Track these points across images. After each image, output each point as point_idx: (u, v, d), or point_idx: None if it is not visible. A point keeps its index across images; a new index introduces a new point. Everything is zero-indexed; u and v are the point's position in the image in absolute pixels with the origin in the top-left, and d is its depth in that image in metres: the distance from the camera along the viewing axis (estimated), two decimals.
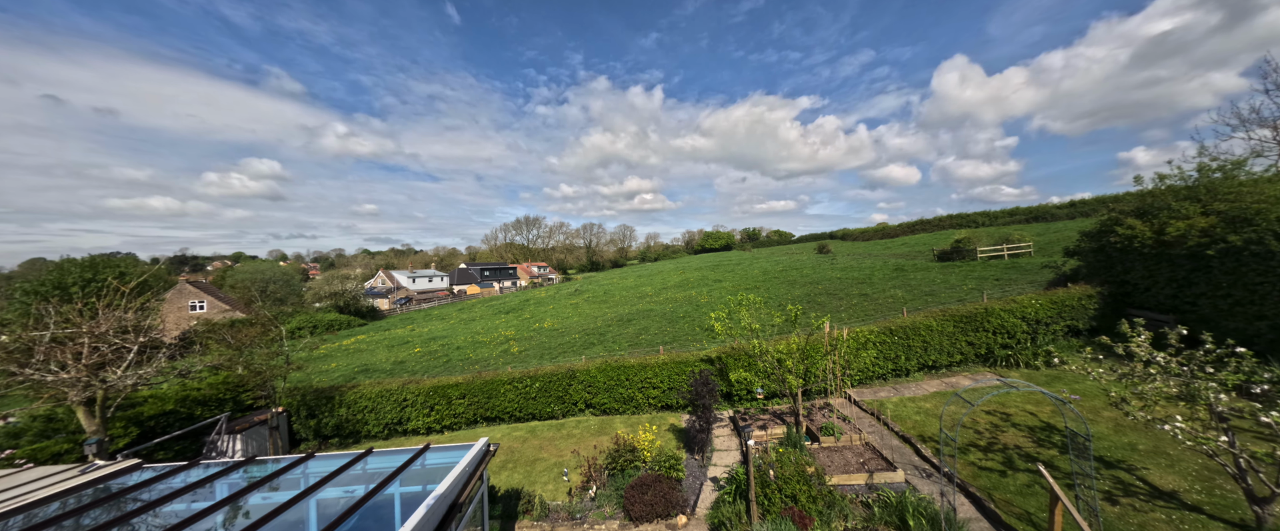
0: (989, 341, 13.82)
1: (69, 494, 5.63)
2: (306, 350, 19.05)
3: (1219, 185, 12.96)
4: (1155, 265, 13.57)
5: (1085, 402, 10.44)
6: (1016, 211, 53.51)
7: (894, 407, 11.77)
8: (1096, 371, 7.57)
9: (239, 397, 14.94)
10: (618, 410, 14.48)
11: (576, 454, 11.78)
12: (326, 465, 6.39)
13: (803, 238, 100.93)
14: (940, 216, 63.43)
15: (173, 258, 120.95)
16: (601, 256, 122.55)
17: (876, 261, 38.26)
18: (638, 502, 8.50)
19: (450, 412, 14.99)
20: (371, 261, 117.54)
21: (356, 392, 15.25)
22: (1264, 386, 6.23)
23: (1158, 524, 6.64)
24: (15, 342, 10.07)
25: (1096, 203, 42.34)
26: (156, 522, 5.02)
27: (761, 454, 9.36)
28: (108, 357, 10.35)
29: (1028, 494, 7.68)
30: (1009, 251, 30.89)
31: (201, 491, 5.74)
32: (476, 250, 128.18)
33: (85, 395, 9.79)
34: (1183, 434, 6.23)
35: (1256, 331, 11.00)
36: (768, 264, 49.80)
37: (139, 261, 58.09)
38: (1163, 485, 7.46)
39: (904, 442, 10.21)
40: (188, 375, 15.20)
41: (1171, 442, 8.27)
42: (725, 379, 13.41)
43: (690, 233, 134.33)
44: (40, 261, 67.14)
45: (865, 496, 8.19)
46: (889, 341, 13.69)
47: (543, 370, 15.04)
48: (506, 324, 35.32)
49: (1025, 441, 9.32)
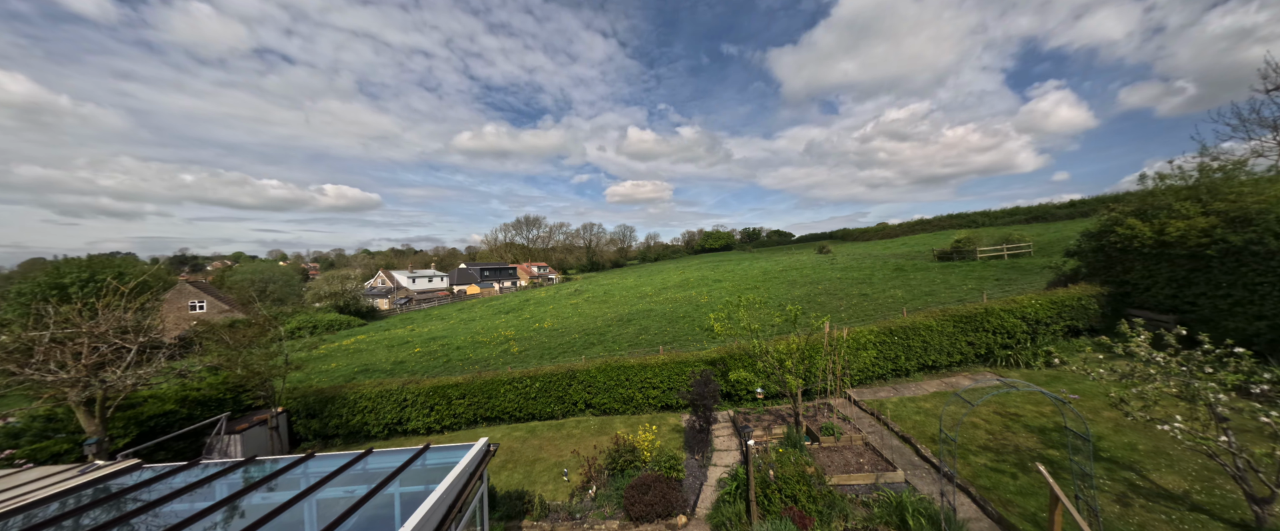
0: (989, 341, 13.81)
1: (69, 494, 5.62)
2: (306, 350, 19.04)
3: (1220, 185, 12.95)
4: (1155, 265, 13.57)
5: (1085, 403, 10.44)
6: (1016, 211, 53.64)
7: (894, 407, 11.77)
8: (1096, 371, 7.56)
9: (239, 398, 14.93)
10: (618, 410, 14.48)
11: (576, 454, 11.77)
12: (327, 465, 6.39)
13: (803, 238, 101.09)
14: (940, 216, 63.62)
15: (172, 257, 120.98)
16: (601, 256, 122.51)
17: (876, 261, 38.26)
18: (638, 503, 8.49)
19: (450, 413, 14.98)
20: (371, 261, 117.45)
21: (356, 392, 15.23)
22: (1264, 386, 6.23)
23: (1158, 524, 6.64)
24: (15, 342, 10.06)
25: (1096, 202, 42.41)
26: (156, 522, 5.01)
27: (762, 454, 9.36)
28: (107, 357, 10.35)
29: (1028, 493, 7.68)
30: (1009, 251, 30.92)
31: (201, 491, 5.74)
32: (476, 250, 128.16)
33: (85, 395, 9.78)
34: (1183, 434, 6.23)
35: (1256, 331, 11.00)
36: (768, 264, 49.81)
37: (139, 261, 58.03)
38: (1163, 485, 7.45)
39: (904, 442, 10.20)
40: (187, 376, 15.20)
41: (1171, 443, 8.26)
42: (725, 379, 13.40)
43: (690, 233, 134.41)
44: (39, 261, 67.05)
45: (865, 496, 8.19)
46: (889, 341, 13.69)
47: (543, 370, 15.03)
48: (506, 324, 35.30)
49: (1026, 441, 9.32)
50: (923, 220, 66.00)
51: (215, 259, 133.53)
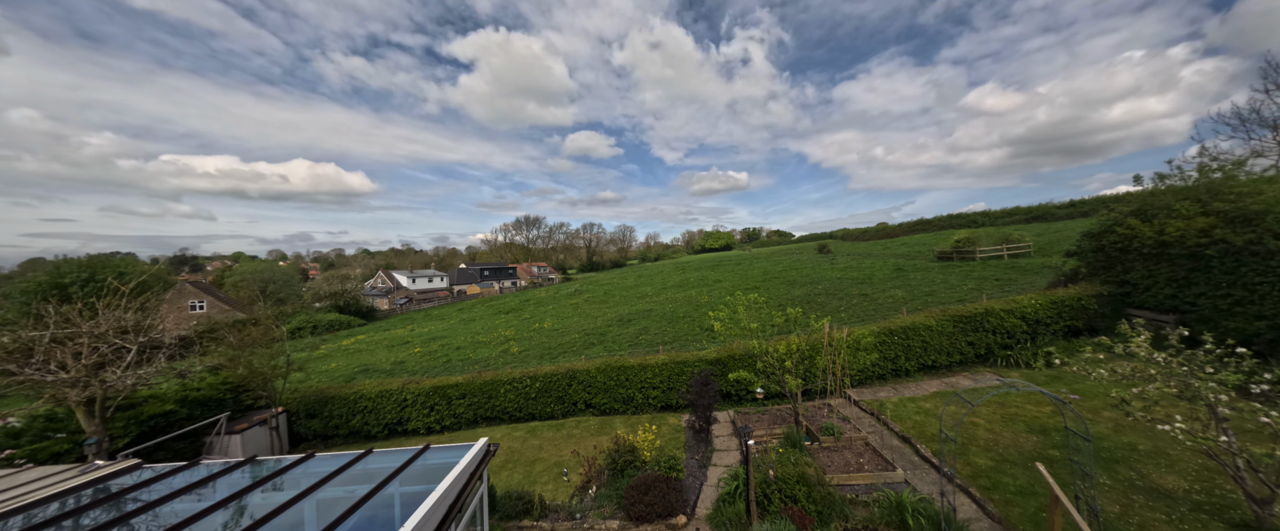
0: (989, 341, 13.82)
1: (68, 494, 5.62)
2: (306, 350, 19.06)
3: (1219, 185, 12.95)
4: (1155, 265, 13.57)
5: (1085, 403, 10.44)
6: (1016, 211, 53.66)
7: (894, 408, 11.77)
8: (1097, 372, 7.56)
9: (239, 398, 14.94)
10: (618, 410, 14.48)
11: (576, 454, 11.77)
12: (327, 465, 6.38)
13: (803, 238, 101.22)
14: (940, 216, 63.67)
15: (173, 257, 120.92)
16: (602, 256, 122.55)
17: (876, 261, 38.28)
18: (638, 503, 8.49)
19: (450, 413, 14.99)
20: (371, 261, 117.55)
21: (357, 392, 15.24)
22: (1264, 386, 6.23)
23: (1158, 524, 6.64)
24: (15, 342, 10.06)
25: (1096, 202, 42.46)
26: (156, 523, 5.01)
27: (762, 454, 9.37)
28: (107, 357, 10.35)
29: (1028, 493, 7.68)
30: (1009, 251, 30.92)
31: (202, 491, 5.73)
32: (476, 250, 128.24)
33: (85, 395, 9.79)
34: (1183, 434, 6.23)
35: (1256, 331, 11.00)
36: (768, 264, 49.85)
37: (139, 261, 58.06)
38: (1163, 485, 7.46)
39: (904, 442, 10.20)
40: (187, 376, 15.21)
41: (1172, 443, 8.26)
42: (725, 379, 13.41)
43: (690, 233, 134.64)
44: (39, 261, 67.04)
45: (865, 496, 8.19)
46: (889, 341, 13.69)
47: (543, 370, 15.03)
48: (506, 324, 35.32)
49: (1026, 441, 9.33)
50: (923, 220, 66.03)
51: (215, 258, 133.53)
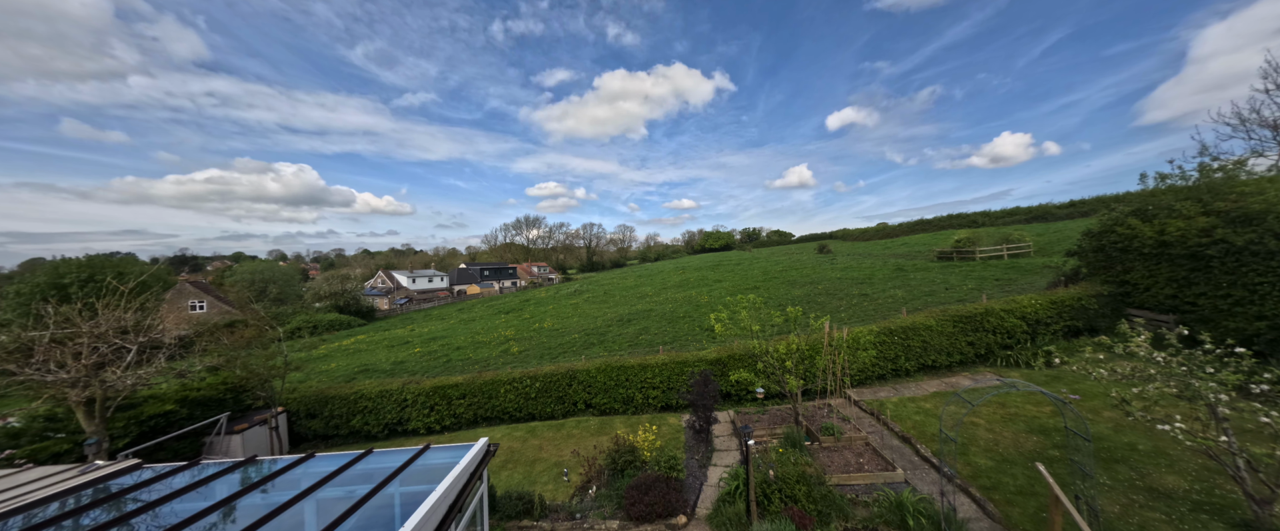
0: (989, 341, 13.81)
1: (68, 494, 5.62)
2: (306, 350, 19.06)
3: (1220, 185, 12.95)
4: (1155, 265, 13.57)
5: (1085, 403, 10.44)
6: (1016, 211, 53.73)
7: (894, 407, 11.77)
8: (1097, 372, 7.56)
9: (239, 398, 14.94)
10: (618, 410, 14.48)
11: (576, 454, 11.76)
12: (326, 465, 6.38)
13: (803, 238, 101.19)
14: (940, 217, 63.73)
15: (173, 258, 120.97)
16: (602, 256, 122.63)
17: (876, 261, 38.30)
18: (638, 503, 8.49)
19: (450, 413, 14.98)
20: (371, 261, 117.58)
21: (356, 393, 15.24)
22: (1264, 386, 6.23)
23: (1158, 523, 6.64)
24: (15, 342, 10.07)
25: (1096, 202, 42.51)
26: (156, 523, 5.01)
27: (762, 454, 9.37)
28: (107, 357, 10.35)
29: (1028, 493, 7.68)
30: (1009, 251, 30.94)
31: (202, 491, 5.73)
32: (476, 250, 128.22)
33: (85, 395, 9.79)
34: (1183, 434, 6.22)
35: (1256, 331, 11.00)
36: (768, 264, 49.87)
37: (138, 261, 58.04)
38: (1163, 485, 7.45)
39: (904, 442, 10.20)
40: (187, 376, 15.20)
41: (1172, 443, 8.26)
42: (725, 379, 13.41)
43: (690, 233, 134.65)
44: (39, 261, 67.03)
45: (865, 496, 8.19)
46: (889, 341, 13.69)
47: (543, 370, 15.03)
48: (506, 324, 35.31)
49: (1027, 441, 9.32)
50: (923, 220, 66.16)
51: (215, 259, 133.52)
